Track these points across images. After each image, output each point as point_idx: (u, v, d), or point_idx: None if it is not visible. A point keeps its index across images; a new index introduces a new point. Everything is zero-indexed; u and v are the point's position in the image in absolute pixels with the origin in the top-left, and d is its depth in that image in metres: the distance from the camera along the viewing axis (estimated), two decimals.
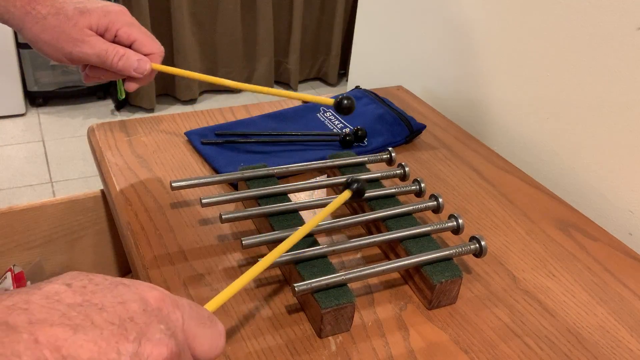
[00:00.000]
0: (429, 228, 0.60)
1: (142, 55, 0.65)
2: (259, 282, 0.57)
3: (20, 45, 2.27)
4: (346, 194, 0.57)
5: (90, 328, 0.27)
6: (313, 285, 0.51)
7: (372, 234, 0.63)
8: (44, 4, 0.61)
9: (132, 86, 0.66)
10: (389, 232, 0.60)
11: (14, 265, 0.77)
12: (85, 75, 0.68)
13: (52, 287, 0.28)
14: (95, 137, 0.79)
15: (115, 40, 0.64)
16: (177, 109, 2.60)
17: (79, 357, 0.26)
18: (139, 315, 0.29)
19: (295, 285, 0.50)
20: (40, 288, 0.28)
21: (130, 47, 0.64)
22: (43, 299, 0.27)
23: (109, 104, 2.55)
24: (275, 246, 0.58)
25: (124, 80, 0.67)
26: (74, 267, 0.82)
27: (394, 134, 0.83)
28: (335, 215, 0.68)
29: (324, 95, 0.96)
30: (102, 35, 0.63)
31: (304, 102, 0.94)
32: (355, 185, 0.57)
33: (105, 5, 0.64)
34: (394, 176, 0.70)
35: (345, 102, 0.63)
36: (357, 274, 0.53)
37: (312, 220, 0.53)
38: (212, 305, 0.39)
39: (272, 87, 2.80)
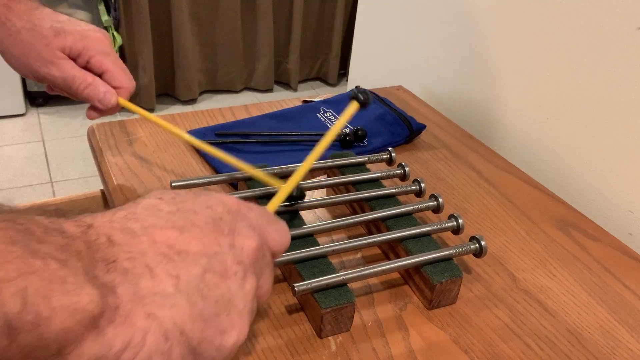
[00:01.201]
0: (429, 228, 0.60)
1: (109, 87, 0.62)
2: None
3: None
4: (354, 105, 0.58)
5: (192, 228, 0.32)
6: (313, 285, 0.51)
7: (372, 234, 0.63)
8: (20, 17, 0.59)
9: (93, 115, 0.63)
10: (389, 232, 0.60)
11: None
12: (49, 87, 0.66)
13: (147, 201, 0.33)
14: (95, 137, 0.79)
15: (86, 67, 0.61)
16: (177, 109, 2.60)
17: (190, 251, 0.31)
18: (225, 215, 0.34)
19: (295, 285, 0.50)
20: (138, 203, 0.33)
21: (100, 76, 0.62)
22: (146, 210, 0.32)
23: None
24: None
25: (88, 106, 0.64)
26: None
27: (394, 134, 0.83)
28: (335, 215, 0.68)
29: (323, 95, 0.96)
30: (74, 59, 0.61)
31: (304, 101, 0.94)
32: (361, 97, 0.58)
33: (84, 29, 0.61)
34: (394, 176, 0.70)
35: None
36: (357, 274, 0.53)
37: (326, 136, 0.54)
38: (271, 207, 0.45)
39: (272, 87, 2.80)
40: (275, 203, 0.46)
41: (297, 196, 0.62)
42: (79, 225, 0.29)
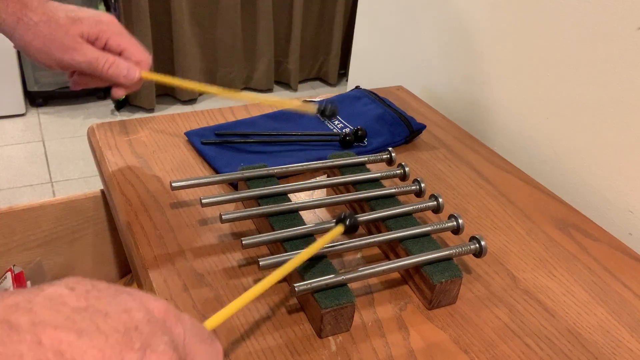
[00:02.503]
0: (429, 228, 0.60)
1: (131, 63, 0.66)
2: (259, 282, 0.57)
3: None
4: (339, 229, 0.55)
5: (96, 334, 0.27)
6: (313, 285, 0.51)
7: (372, 234, 0.63)
8: (35, 11, 0.62)
9: (119, 92, 0.68)
10: (389, 232, 0.60)
11: (14, 265, 0.77)
12: (74, 81, 0.69)
13: (55, 289, 0.28)
14: (95, 137, 0.79)
15: (105, 49, 0.65)
16: (177, 109, 2.60)
17: None
18: (143, 324, 0.29)
19: (295, 285, 0.50)
20: (43, 290, 0.28)
21: (119, 55, 0.66)
22: (47, 301, 0.27)
23: (109, 104, 2.55)
24: (276, 246, 0.58)
25: (111, 87, 0.68)
26: (74, 267, 0.82)
27: (394, 134, 0.83)
28: (336, 215, 0.68)
29: (323, 95, 0.96)
30: (92, 43, 0.64)
31: (304, 101, 0.94)
32: (348, 221, 0.55)
33: (96, 14, 0.65)
34: (394, 176, 0.70)
35: (329, 110, 0.64)
36: (357, 274, 0.53)
37: (306, 251, 0.52)
38: (211, 323, 0.39)
39: (272, 87, 2.80)
40: (218, 319, 0.40)
41: (329, 114, 0.61)
42: None
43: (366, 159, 0.72)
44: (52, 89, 2.42)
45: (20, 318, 0.25)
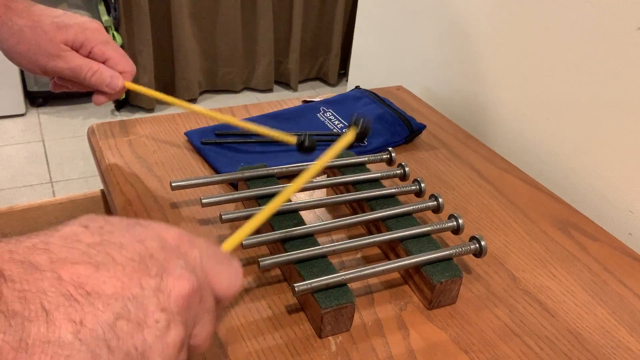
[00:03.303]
0: (429, 228, 0.60)
1: (114, 72, 0.66)
2: (259, 282, 0.57)
3: None
4: (352, 133, 0.56)
5: (112, 265, 0.27)
6: (313, 285, 0.51)
7: (372, 234, 0.63)
8: (20, 16, 0.62)
9: (100, 99, 0.67)
10: (389, 232, 0.60)
11: None
12: (54, 83, 0.69)
13: (69, 229, 0.29)
14: (95, 137, 0.79)
15: (89, 56, 0.65)
16: (177, 109, 2.60)
17: (103, 293, 0.26)
18: (158, 252, 0.30)
19: (295, 285, 0.50)
20: (58, 230, 0.29)
21: (103, 63, 0.66)
22: (62, 240, 0.28)
23: (109, 104, 2.55)
24: (276, 246, 0.58)
25: (92, 93, 0.68)
26: None
27: (394, 134, 0.83)
28: (335, 215, 0.68)
29: (323, 95, 0.96)
30: (77, 50, 0.64)
31: (304, 101, 0.94)
32: (361, 123, 0.56)
33: (82, 21, 0.65)
34: (394, 176, 0.70)
35: (307, 142, 0.65)
36: (357, 274, 0.53)
37: (321, 160, 0.52)
38: (227, 245, 0.40)
39: (272, 87, 2.80)
40: (234, 241, 0.40)
41: (308, 147, 0.61)
42: None
43: (366, 159, 0.72)
44: None
45: (39, 257, 0.26)
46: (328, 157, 0.53)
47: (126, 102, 2.54)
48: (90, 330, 0.25)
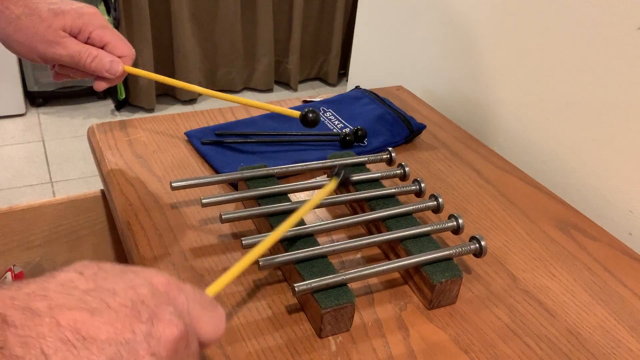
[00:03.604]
0: (429, 228, 0.60)
1: (114, 56, 0.65)
2: (259, 282, 0.57)
3: None
4: (333, 183, 0.56)
5: (106, 311, 0.29)
6: (313, 285, 0.51)
7: (372, 234, 0.63)
8: (17, 4, 0.61)
9: (101, 85, 0.67)
10: (389, 232, 0.60)
11: (13, 265, 0.77)
12: (55, 73, 0.69)
13: (65, 275, 0.30)
14: (95, 137, 0.79)
15: (88, 42, 0.64)
16: (177, 109, 2.60)
17: (98, 338, 0.28)
18: (149, 298, 0.31)
19: (295, 285, 0.50)
20: (54, 277, 0.30)
21: (102, 48, 0.65)
22: (59, 286, 0.29)
23: (109, 104, 2.55)
24: (276, 246, 0.58)
25: (94, 79, 0.68)
26: None
27: (394, 134, 0.83)
28: (335, 215, 0.68)
29: (323, 95, 0.96)
30: (75, 37, 0.63)
31: (304, 101, 0.94)
32: (342, 174, 0.56)
33: (79, 7, 0.64)
34: (394, 176, 0.70)
35: (310, 115, 0.67)
36: (357, 274, 0.53)
37: (301, 209, 0.52)
38: (212, 290, 0.41)
39: (272, 87, 2.80)
40: (218, 286, 0.42)
41: (311, 120, 0.63)
42: None
43: (366, 159, 0.72)
44: (52, 89, 2.42)
45: (39, 303, 0.28)
46: (312, 202, 0.54)
47: (126, 102, 2.54)
48: None
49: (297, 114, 0.70)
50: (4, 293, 0.28)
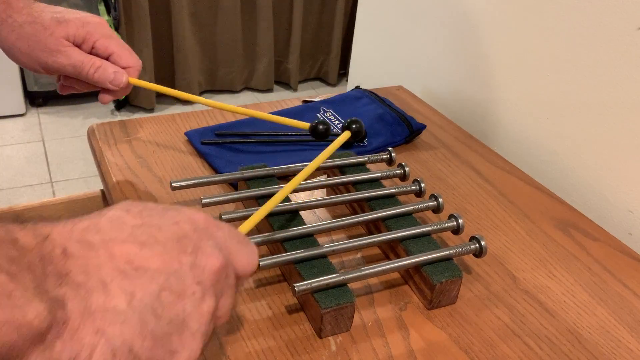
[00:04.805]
0: (429, 228, 0.60)
1: (118, 67, 0.63)
2: (259, 282, 0.57)
3: None
4: (346, 135, 0.58)
5: (154, 244, 0.32)
6: (313, 285, 0.51)
7: (372, 234, 0.63)
8: (20, 12, 0.60)
9: (106, 98, 0.65)
10: (389, 232, 0.60)
11: None
12: (61, 85, 0.67)
13: (113, 213, 0.33)
14: (95, 137, 0.79)
15: (92, 52, 0.63)
16: (177, 109, 2.60)
17: (148, 268, 0.31)
18: (191, 232, 0.34)
19: (295, 285, 0.50)
20: (103, 215, 0.32)
21: (107, 59, 0.63)
22: (109, 223, 0.32)
23: (109, 104, 2.55)
24: (276, 246, 0.58)
25: (98, 92, 0.66)
26: None
27: (394, 134, 0.83)
28: (335, 215, 0.68)
29: (323, 95, 0.96)
30: (79, 46, 0.62)
31: (304, 101, 0.94)
32: (354, 126, 0.58)
33: (83, 16, 0.63)
34: (394, 176, 0.70)
35: (321, 127, 0.67)
36: (357, 274, 0.53)
37: (315, 160, 0.55)
38: (244, 228, 0.44)
39: (272, 87, 2.80)
40: (249, 224, 0.45)
41: (321, 132, 0.64)
42: (35, 235, 0.28)
43: (366, 159, 0.72)
44: (52, 89, 2.42)
45: (93, 237, 0.30)
46: (327, 152, 0.56)
47: (126, 102, 2.54)
48: (140, 300, 0.29)
49: (306, 125, 0.69)
50: (62, 228, 0.30)
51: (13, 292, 0.25)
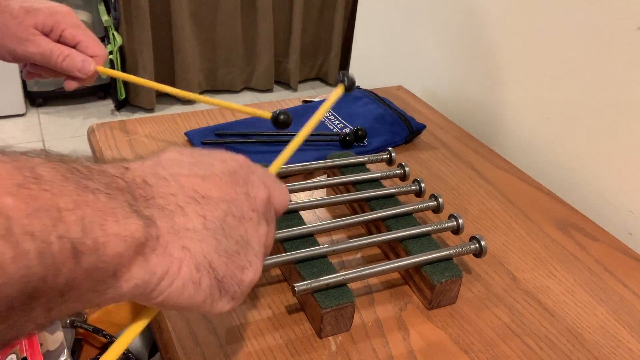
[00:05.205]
0: (429, 228, 0.60)
1: (86, 56, 0.65)
2: (259, 282, 0.57)
3: None
4: (339, 89, 0.59)
5: (212, 176, 0.35)
6: (313, 285, 0.51)
7: (372, 234, 0.63)
8: None
9: (71, 84, 0.66)
10: (389, 232, 0.60)
11: None
12: (27, 72, 0.69)
13: (168, 154, 0.36)
14: (95, 137, 0.79)
15: (59, 41, 0.64)
16: (177, 109, 2.60)
17: (212, 196, 0.34)
18: (238, 169, 0.37)
19: (295, 285, 0.50)
20: (160, 155, 0.35)
21: (74, 48, 0.65)
22: (169, 161, 0.35)
23: (109, 104, 2.55)
24: (276, 246, 0.58)
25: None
26: None
27: (394, 134, 0.83)
28: (335, 215, 0.68)
29: (323, 95, 0.96)
30: (46, 35, 0.63)
31: (304, 101, 0.94)
32: (346, 80, 0.59)
33: (51, 5, 0.64)
34: (394, 176, 0.70)
35: (282, 117, 0.68)
36: (357, 274, 0.53)
37: (310, 121, 0.56)
38: (273, 168, 0.48)
39: (272, 87, 2.80)
40: (276, 166, 0.49)
41: (282, 121, 0.65)
42: (117, 167, 0.31)
43: (366, 159, 0.72)
44: (52, 89, 2.42)
45: (162, 171, 0.33)
46: (323, 110, 0.58)
47: (126, 102, 2.54)
48: (212, 222, 0.33)
49: (268, 115, 0.70)
50: (134, 163, 0.33)
51: (116, 210, 0.28)
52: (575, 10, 0.77)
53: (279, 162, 0.49)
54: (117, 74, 0.71)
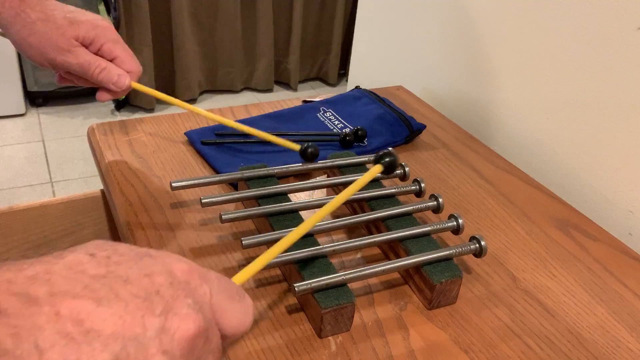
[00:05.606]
0: (429, 228, 0.60)
1: (122, 70, 0.67)
2: (259, 282, 0.57)
3: None
4: (377, 168, 0.55)
5: (115, 301, 0.26)
6: (313, 285, 0.51)
7: (372, 234, 0.63)
8: (34, 9, 0.63)
9: (104, 96, 0.68)
10: (389, 232, 0.60)
11: None
12: (60, 76, 0.70)
13: (75, 256, 0.27)
14: (95, 137, 0.79)
15: (98, 53, 0.66)
16: (177, 109, 2.60)
17: (103, 331, 0.25)
18: (165, 288, 0.28)
19: (295, 285, 0.50)
20: (63, 257, 0.27)
21: (111, 61, 0.67)
22: (65, 270, 0.26)
23: (109, 104, 2.55)
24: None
25: (94, 92, 0.69)
26: None
27: (394, 134, 0.83)
28: (335, 215, 0.68)
29: (323, 95, 0.96)
30: (86, 47, 0.65)
31: (304, 101, 0.94)
32: (387, 159, 0.55)
33: (94, 18, 0.66)
34: (394, 176, 0.70)
35: (310, 150, 0.68)
36: (357, 274, 0.53)
37: (344, 192, 0.51)
38: (240, 278, 0.38)
39: (272, 87, 2.80)
40: (247, 274, 0.39)
41: (310, 154, 0.64)
42: None
43: (366, 159, 0.72)
44: (52, 89, 2.42)
45: (39, 289, 0.25)
46: (352, 189, 0.51)
47: (126, 102, 2.54)
48: None
49: (297, 147, 0.70)
50: (5, 273, 0.25)
51: None
52: (576, 10, 0.77)
53: (253, 269, 0.39)
54: (151, 91, 0.72)
